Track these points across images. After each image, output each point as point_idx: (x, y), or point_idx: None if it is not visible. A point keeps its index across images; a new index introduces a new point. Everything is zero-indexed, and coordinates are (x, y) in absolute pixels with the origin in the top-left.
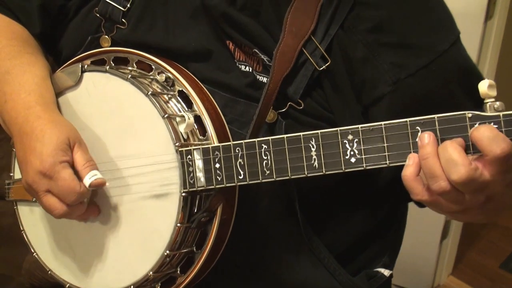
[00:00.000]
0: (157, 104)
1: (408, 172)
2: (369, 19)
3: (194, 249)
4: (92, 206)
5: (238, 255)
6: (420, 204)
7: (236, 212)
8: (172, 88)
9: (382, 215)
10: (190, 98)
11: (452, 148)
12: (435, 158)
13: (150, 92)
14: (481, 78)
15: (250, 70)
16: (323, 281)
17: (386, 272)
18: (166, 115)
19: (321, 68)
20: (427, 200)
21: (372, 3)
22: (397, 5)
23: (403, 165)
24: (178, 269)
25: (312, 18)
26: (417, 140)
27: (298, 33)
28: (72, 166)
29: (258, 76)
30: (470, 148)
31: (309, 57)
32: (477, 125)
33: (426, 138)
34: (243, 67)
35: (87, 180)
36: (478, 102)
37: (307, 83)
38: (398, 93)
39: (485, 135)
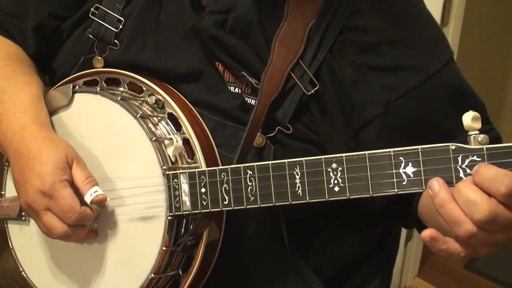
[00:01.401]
0: (146, 127)
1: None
2: (358, 42)
3: (180, 272)
4: (91, 230)
5: (225, 278)
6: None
7: (223, 236)
8: (162, 110)
9: (373, 240)
10: (179, 120)
11: (466, 188)
12: (452, 203)
13: (139, 115)
14: (476, 99)
15: (239, 92)
16: None
17: None
18: (154, 138)
19: (309, 93)
20: (466, 253)
21: (360, 27)
22: (386, 28)
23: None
24: None
25: (301, 42)
26: (427, 190)
27: (286, 57)
28: (72, 184)
29: (247, 98)
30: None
31: (298, 82)
32: (460, 158)
33: (435, 185)
34: (232, 88)
35: (89, 197)
36: None
37: (296, 107)
38: (388, 115)
39: (486, 176)
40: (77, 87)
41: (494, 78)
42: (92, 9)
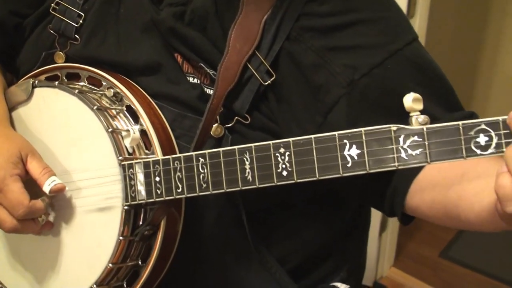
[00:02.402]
0: (102, 119)
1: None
2: (316, 26)
3: (140, 262)
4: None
5: (187, 268)
6: (406, 220)
7: (183, 225)
8: (120, 103)
9: (337, 231)
10: (137, 113)
11: None
12: None
13: (96, 107)
14: (443, 81)
15: (198, 82)
16: None
17: (342, 287)
18: (111, 129)
19: (266, 83)
20: None
21: (315, 13)
22: (346, 10)
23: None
24: (125, 283)
25: (256, 34)
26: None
27: (242, 49)
28: (27, 179)
29: (205, 89)
30: None
31: (254, 72)
32: (401, 138)
33: None
34: (191, 79)
35: (47, 187)
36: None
37: (254, 97)
38: (353, 94)
39: None
40: (36, 81)
41: (462, 70)
42: (52, 5)
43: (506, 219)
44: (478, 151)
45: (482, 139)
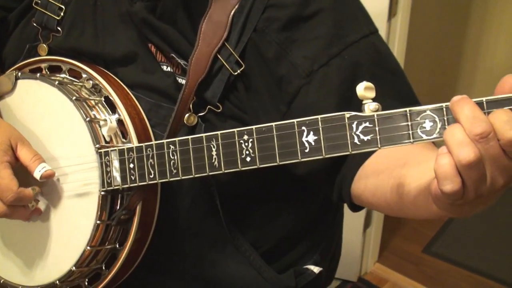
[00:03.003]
0: (81, 109)
1: None
2: (279, 19)
3: (117, 246)
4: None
5: (164, 252)
6: (355, 207)
7: (159, 211)
8: (99, 94)
9: (310, 214)
10: (115, 103)
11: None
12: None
13: (74, 98)
14: (398, 77)
15: (172, 71)
16: (249, 277)
17: (315, 269)
18: (88, 118)
19: (236, 73)
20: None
21: (279, 4)
22: (305, 3)
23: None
24: (103, 265)
25: (225, 26)
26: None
27: (211, 41)
28: (17, 166)
29: (178, 78)
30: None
31: (224, 63)
32: (354, 124)
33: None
34: (165, 67)
35: (37, 173)
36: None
37: (224, 87)
38: (313, 84)
39: (500, 118)
40: (19, 74)
41: (445, 66)
42: None
43: (439, 201)
44: (424, 136)
45: (427, 124)
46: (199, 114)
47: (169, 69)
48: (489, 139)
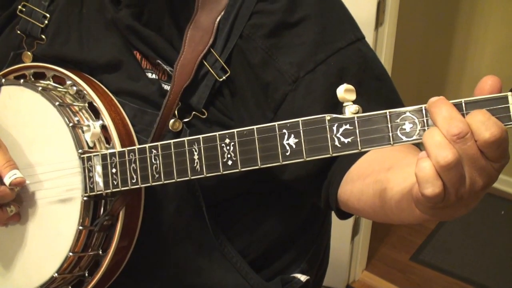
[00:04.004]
0: (64, 114)
1: None
2: (265, 25)
3: (100, 252)
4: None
5: (150, 258)
6: (343, 214)
7: (143, 217)
8: (82, 99)
9: (297, 222)
10: (98, 109)
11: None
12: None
13: (58, 103)
14: (384, 82)
15: (157, 78)
16: (236, 285)
17: (302, 278)
18: (71, 124)
19: (221, 79)
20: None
21: (266, 11)
22: (291, 9)
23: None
24: (86, 272)
25: (211, 33)
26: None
27: (197, 47)
28: None
29: (163, 85)
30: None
31: (210, 69)
32: (335, 127)
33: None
34: (149, 74)
35: (7, 179)
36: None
37: (210, 93)
38: (299, 91)
39: (476, 118)
40: (3, 80)
41: (433, 74)
42: (19, 7)
43: (421, 205)
44: (404, 138)
45: (407, 126)
46: (184, 120)
47: (154, 76)
48: (467, 139)
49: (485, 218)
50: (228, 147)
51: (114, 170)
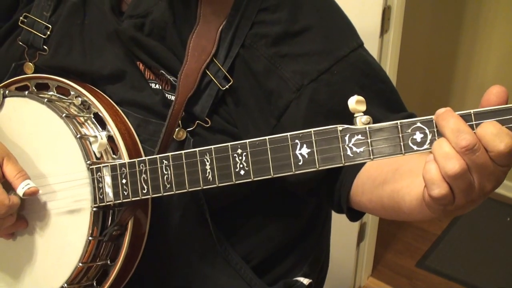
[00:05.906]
0: (71, 125)
1: None
2: (268, 34)
3: (109, 262)
4: (20, 219)
5: (154, 267)
6: (353, 216)
7: (150, 225)
8: (88, 110)
9: (299, 226)
10: (104, 120)
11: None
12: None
13: (64, 114)
14: (386, 84)
15: (160, 88)
16: None
17: (305, 281)
18: (79, 135)
19: (224, 88)
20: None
21: (268, 20)
22: (294, 19)
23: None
24: (95, 282)
25: (213, 42)
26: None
27: (200, 57)
28: (3, 182)
29: (167, 95)
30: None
31: (213, 78)
32: (347, 137)
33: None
34: (153, 85)
35: (21, 190)
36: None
37: (213, 102)
38: (303, 99)
39: (489, 131)
40: (7, 91)
41: (438, 81)
42: (21, 18)
43: (431, 206)
44: (415, 147)
45: (418, 136)
46: (188, 129)
47: (157, 86)
48: (475, 150)
49: (491, 225)
50: (240, 157)
51: (124, 181)
